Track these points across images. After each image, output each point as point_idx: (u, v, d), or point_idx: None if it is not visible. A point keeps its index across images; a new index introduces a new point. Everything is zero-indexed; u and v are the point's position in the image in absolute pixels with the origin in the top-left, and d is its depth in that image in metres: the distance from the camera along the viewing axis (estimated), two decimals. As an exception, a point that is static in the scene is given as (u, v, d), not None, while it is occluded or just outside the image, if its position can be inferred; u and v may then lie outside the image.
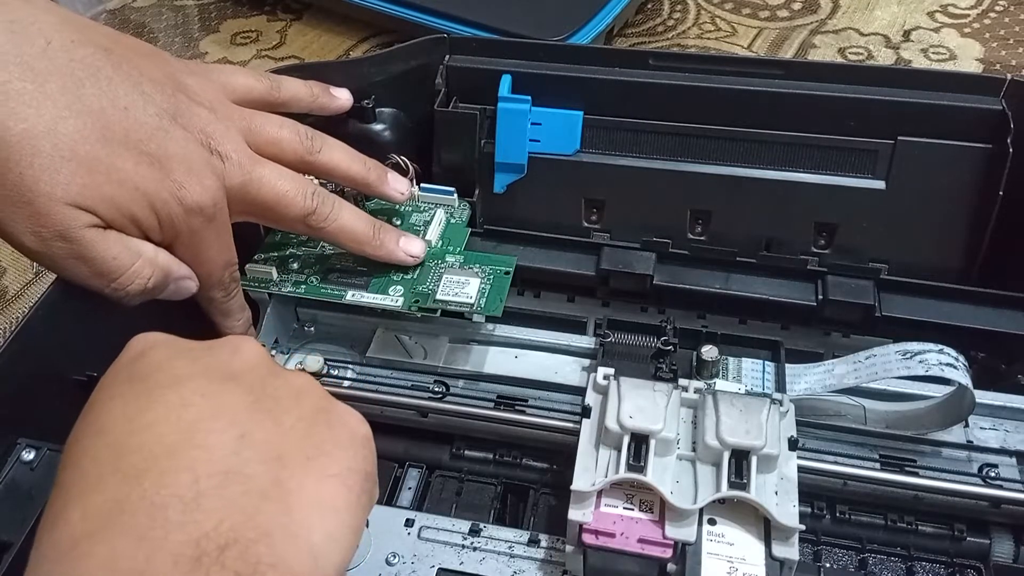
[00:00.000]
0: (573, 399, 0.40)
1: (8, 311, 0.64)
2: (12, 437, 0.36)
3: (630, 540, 0.31)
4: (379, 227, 0.41)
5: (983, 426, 0.40)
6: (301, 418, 0.27)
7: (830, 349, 0.44)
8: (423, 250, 0.43)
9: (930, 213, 0.45)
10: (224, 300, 0.40)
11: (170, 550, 0.22)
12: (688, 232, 0.48)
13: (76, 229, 0.32)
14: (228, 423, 0.25)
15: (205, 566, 0.22)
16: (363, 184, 0.42)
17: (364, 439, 0.28)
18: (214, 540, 0.22)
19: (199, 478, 0.23)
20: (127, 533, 0.22)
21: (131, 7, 0.98)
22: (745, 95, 0.45)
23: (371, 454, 0.28)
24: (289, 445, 0.26)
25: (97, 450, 0.24)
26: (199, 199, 0.35)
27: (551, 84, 0.47)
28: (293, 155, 0.39)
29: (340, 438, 0.27)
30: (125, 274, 0.34)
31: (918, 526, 0.36)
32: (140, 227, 0.34)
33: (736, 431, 0.32)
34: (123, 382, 0.27)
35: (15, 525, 0.33)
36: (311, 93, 0.44)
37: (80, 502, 0.23)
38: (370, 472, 0.28)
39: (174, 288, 0.37)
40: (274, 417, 0.26)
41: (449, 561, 0.34)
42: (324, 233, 0.40)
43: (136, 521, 0.22)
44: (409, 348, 0.44)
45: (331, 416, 0.28)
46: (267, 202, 0.38)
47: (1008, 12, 0.88)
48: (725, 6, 0.91)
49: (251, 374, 0.27)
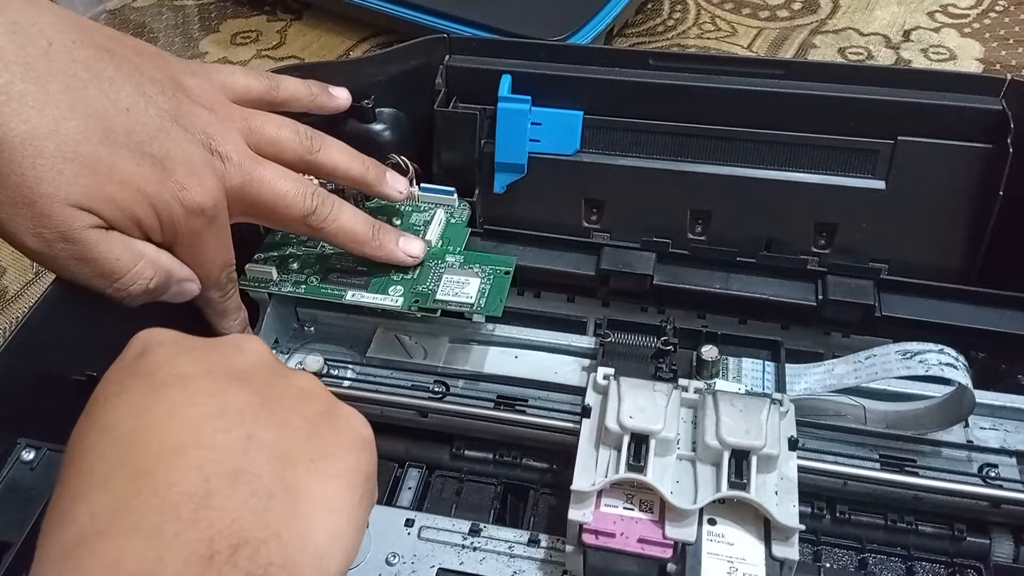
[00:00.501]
0: (573, 399, 0.40)
1: (8, 311, 0.64)
2: (12, 437, 0.36)
3: (630, 540, 0.31)
4: (378, 227, 0.41)
5: (983, 426, 0.40)
6: (306, 419, 0.27)
7: (830, 349, 0.44)
8: (422, 250, 0.43)
9: (930, 213, 0.45)
10: (221, 300, 0.40)
11: (182, 548, 0.22)
12: (688, 232, 0.47)
13: (78, 230, 0.32)
14: (234, 422, 0.25)
15: (217, 565, 0.22)
16: (362, 183, 0.42)
17: (367, 441, 0.28)
18: (226, 539, 0.22)
19: (208, 477, 0.23)
20: (136, 531, 0.22)
21: (131, 7, 0.98)
22: (745, 95, 0.45)
23: (372, 456, 0.28)
24: (294, 446, 0.26)
25: (103, 447, 0.24)
26: (200, 200, 0.35)
27: (551, 84, 0.47)
28: (293, 155, 0.39)
29: (344, 440, 0.27)
30: (127, 275, 0.34)
31: (918, 526, 0.36)
32: (142, 228, 0.34)
33: (736, 431, 0.32)
34: (127, 379, 0.27)
35: (15, 525, 0.33)
36: (310, 92, 0.44)
37: (86, 500, 0.23)
38: (371, 474, 0.28)
39: (176, 290, 0.37)
40: (280, 418, 0.26)
41: (449, 561, 0.34)
42: (324, 233, 0.40)
43: (145, 519, 0.22)
44: (409, 348, 0.44)
45: (335, 418, 0.28)
46: (267, 203, 0.38)
47: (1008, 12, 0.88)
48: (725, 6, 0.91)
49: (256, 373, 0.28)
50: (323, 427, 0.27)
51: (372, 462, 0.28)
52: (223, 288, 0.39)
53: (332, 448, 0.27)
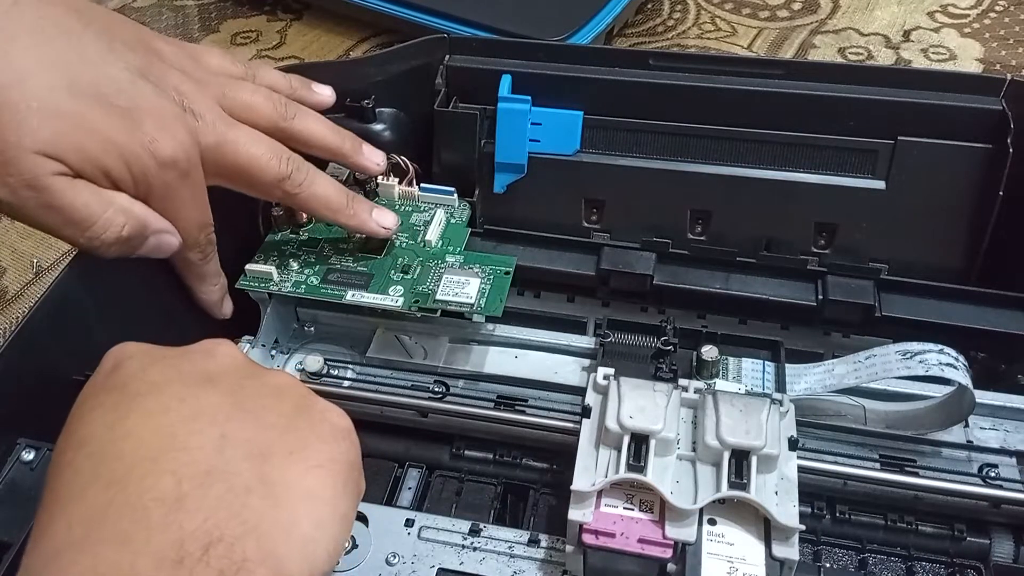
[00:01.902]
0: (573, 399, 0.40)
1: (8, 311, 0.64)
2: (12, 437, 0.36)
3: (630, 540, 0.31)
4: (353, 197, 0.41)
5: (983, 426, 0.40)
6: (282, 415, 0.27)
7: (830, 349, 0.44)
8: (395, 222, 0.42)
9: (930, 213, 0.45)
10: (201, 263, 0.39)
11: (152, 553, 0.22)
12: (688, 232, 0.47)
13: (43, 176, 0.32)
14: (208, 424, 0.25)
15: (188, 567, 0.22)
16: (338, 154, 0.42)
17: (345, 431, 0.28)
18: (198, 540, 0.22)
19: (181, 480, 0.24)
20: (109, 540, 0.22)
21: (131, 7, 0.98)
22: (745, 95, 0.45)
23: (353, 446, 0.28)
24: (271, 441, 0.26)
25: (79, 461, 0.25)
26: (172, 153, 0.34)
27: (551, 84, 0.47)
28: (267, 121, 0.39)
29: (322, 432, 0.27)
30: (97, 223, 0.33)
31: (918, 526, 0.36)
32: (112, 179, 0.33)
33: (736, 431, 0.32)
34: (101, 393, 0.27)
35: (15, 525, 0.33)
36: (289, 85, 0.43)
37: (64, 513, 0.23)
38: (354, 462, 0.28)
39: (155, 242, 0.36)
40: (254, 416, 0.26)
41: (449, 561, 0.34)
42: (298, 200, 0.39)
43: (118, 527, 0.23)
44: (409, 348, 0.44)
45: (312, 412, 0.28)
46: (241, 165, 0.37)
47: (1008, 12, 0.88)
48: (725, 6, 0.91)
49: (228, 376, 0.28)
50: (299, 421, 0.27)
51: (353, 451, 0.28)
52: (203, 250, 0.39)
53: (310, 440, 0.27)
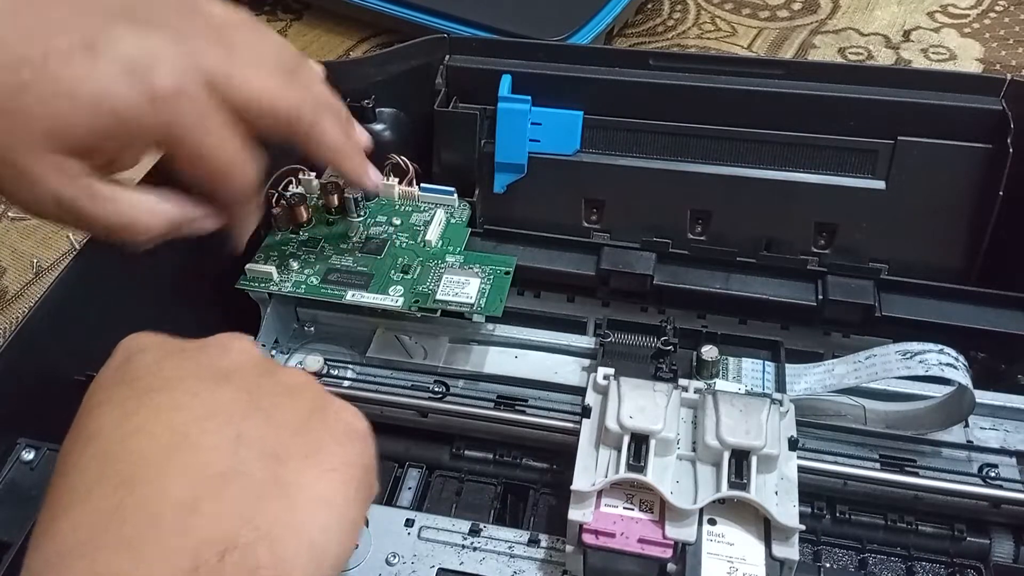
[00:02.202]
0: (573, 399, 0.40)
1: (8, 311, 0.64)
2: (12, 437, 0.36)
3: (630, 540, 0.31)
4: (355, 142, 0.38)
5: (983, 426, 0.40)
6: (297, 415, 0.26)
7: (830, 349, 0.44)
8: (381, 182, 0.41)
9: (930, 213, 0.45)
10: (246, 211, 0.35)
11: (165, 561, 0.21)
12: (688, 232, 0.48)
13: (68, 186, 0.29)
14: (222, 423, 0.25)
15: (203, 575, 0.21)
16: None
17: (361, 434, 0.28)
18: (214, 546, 0.22)
19: (196, 481, 0.23)
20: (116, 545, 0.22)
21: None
22: (745, 95, 0.45)
23: (369, 449, 0.28)
24: (286, 442, 0.25)
25: (86, 459, 0.24)
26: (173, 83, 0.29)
27: (551, 84, 0.47)
28: None
29: (337, 434, 0.27)
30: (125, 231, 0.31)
31: (918, 526, 0.36)
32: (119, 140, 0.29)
33: (736, 431, 0.32)
34: (112, 386, 0.26)
35: (15, 525, 0.33)
36: None
37: (68, 514, 0.23)
38: (368, 466, 0.27)
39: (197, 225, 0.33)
40: (269, 415, 0.26)
41: (449, 561, 0.34)
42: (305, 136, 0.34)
43: (127, 531, 0.22)
44: (409, 348, 0.44)
45: (327, 413, 0.27)
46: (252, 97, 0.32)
47: (1008, 12, 0.88)
48: (725, 6, 0.91)
49: (243, 373, 0.27)
50: (314, 422, 0.27)
51: (369, 454, 0.27)
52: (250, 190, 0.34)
53: (325, 442, 0.26)
